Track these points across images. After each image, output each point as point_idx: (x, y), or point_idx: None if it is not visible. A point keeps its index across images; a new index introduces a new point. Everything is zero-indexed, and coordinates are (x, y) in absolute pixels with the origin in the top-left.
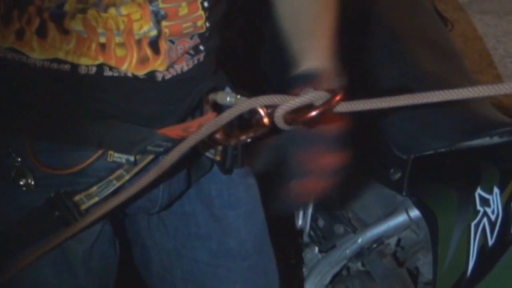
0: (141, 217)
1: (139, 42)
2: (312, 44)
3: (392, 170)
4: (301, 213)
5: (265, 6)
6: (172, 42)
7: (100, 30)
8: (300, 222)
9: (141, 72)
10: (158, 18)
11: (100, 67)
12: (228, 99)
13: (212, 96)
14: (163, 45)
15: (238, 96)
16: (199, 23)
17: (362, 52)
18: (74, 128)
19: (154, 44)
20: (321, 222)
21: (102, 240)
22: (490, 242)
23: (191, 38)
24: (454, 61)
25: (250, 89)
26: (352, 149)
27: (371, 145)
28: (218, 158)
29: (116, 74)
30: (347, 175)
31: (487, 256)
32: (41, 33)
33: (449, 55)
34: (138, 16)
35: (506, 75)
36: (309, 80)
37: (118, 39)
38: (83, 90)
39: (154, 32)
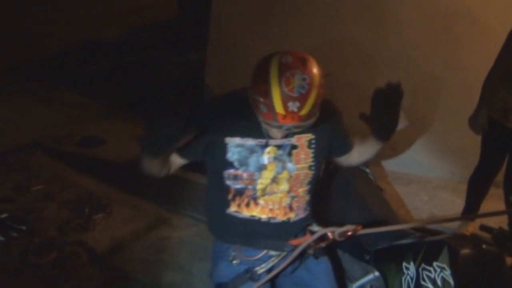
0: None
1: (284, 207)
2: None
3: (365, 255)
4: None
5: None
6: (298, 207)
7: (270, 204)
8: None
9: (284, 218)
10: (291, 196)
11: (269, 218)
12: (316, 228)
13: (309, 227)
14: (294, 206)
15: (320, 227)
16: (307, 197)
17: (343, 205)
18: (257, 243)
19: (290, 206)
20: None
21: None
22: (411, 286)
23: (304, 204)
24: (387, 207)
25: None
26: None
27: (355, 244)
28: (311, 252)
29: (276, 220)
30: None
31: None
32: (248, 205)
33: (384, 204)
34: (284, 197)
35: (412, 210)
36: None
37: (276, 207)
38: (262, 226)
39: (289, 201)
